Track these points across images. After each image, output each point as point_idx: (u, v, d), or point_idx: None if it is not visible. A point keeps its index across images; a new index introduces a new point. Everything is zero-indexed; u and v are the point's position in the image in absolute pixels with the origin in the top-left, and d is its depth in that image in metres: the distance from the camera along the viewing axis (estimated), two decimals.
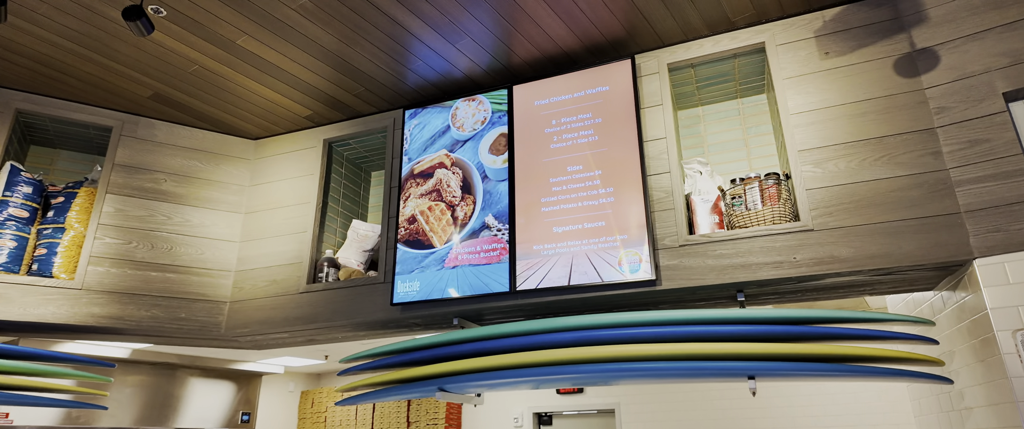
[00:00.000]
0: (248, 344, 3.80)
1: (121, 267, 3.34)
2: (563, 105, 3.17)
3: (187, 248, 3.55)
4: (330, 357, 6.91)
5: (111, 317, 3.24)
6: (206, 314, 3.49)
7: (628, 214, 2.84)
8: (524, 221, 3.03)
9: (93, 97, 3.48)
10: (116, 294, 3.28)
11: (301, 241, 3.58)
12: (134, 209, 3.47)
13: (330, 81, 3.40)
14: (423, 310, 3.14)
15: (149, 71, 3.26)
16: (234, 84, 3.40)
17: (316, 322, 3.33)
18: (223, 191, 3.76)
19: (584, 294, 2.83)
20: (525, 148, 3.16)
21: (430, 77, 3.39)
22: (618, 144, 2.98)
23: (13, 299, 3.06)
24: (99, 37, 2.99)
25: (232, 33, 2.99)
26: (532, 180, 3.09)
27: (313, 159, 3.77)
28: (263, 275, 3.57)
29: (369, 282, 3.32)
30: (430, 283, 3.10)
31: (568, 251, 2.89)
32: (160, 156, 3.63)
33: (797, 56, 2.89)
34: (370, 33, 3.02)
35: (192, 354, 6.23)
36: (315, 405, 7.27)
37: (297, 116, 3.74)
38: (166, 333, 3.42)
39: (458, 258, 3.10)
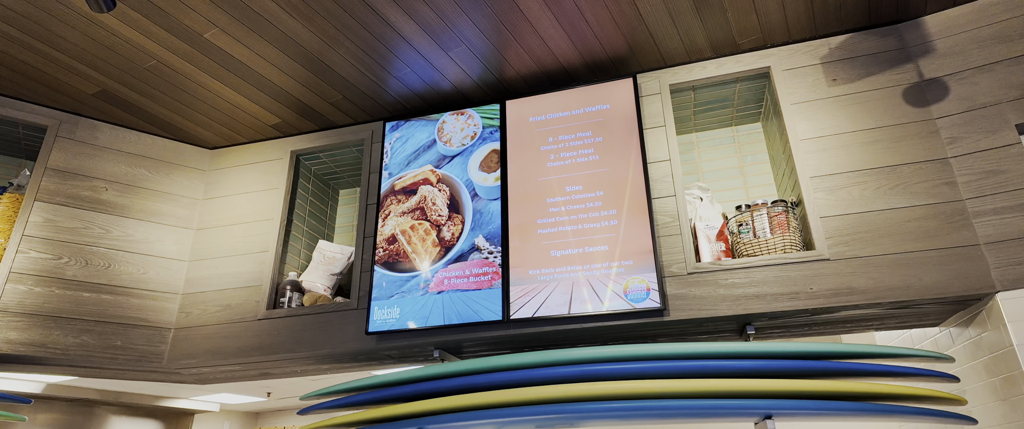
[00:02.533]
0: (192, 378, 3.35)
1: (48, 286, 2.87)
2: (561, 122, 2.98)
3: (127, 266, 3.11)
4: (273, 394, 6.36)
5: (31, 344, 2.76)
6: (146, 342, 3.04)
7: (633, 238, 2.65)
8: (518, 243, 2.79)
9: (28, 91, 3.05)
10: (39, 317, 2.81)
11: (261, 262, 3.21)
12: (67, 220, 3.03)
13: (304, 86, 3.11)
14: (402, 340, 2.82)
15: (97, 64, 2.88)
16: (195, 84, 3.05)
17: (277, 353, 2.95)
18: (172, 204, 3.36)
19: (586, 324, 2.59)
20: (519, 166, 2.95)
21: (416, 87, 3.15)
22: (621, 164, 2.81)
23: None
24: (42, 21, 2.62)
25: (201, 25, 2.68)
26: (527, 200, 2.86)
27: (278, 172, 3.43)
28: (215, 299, 3.16)
29: (340, 308, 2.98)
30: (412, 310, 2.80)
31: (568, 277, 2.65)
32: (101, 162, 3.21)
33: (804, 82, 2.81)
34: (356, 33, 2.76)
35: (115, 389, 5.58)
36: None
37: (263, 124, 3.41)
38: (96, 363, 2.95)
39: (444, 282, 2.81)
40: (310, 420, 6.34)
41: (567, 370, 2.26)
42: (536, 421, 2.45)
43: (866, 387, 2.27)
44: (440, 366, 2.47)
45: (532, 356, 2.36)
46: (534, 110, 3.05)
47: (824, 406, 2.24)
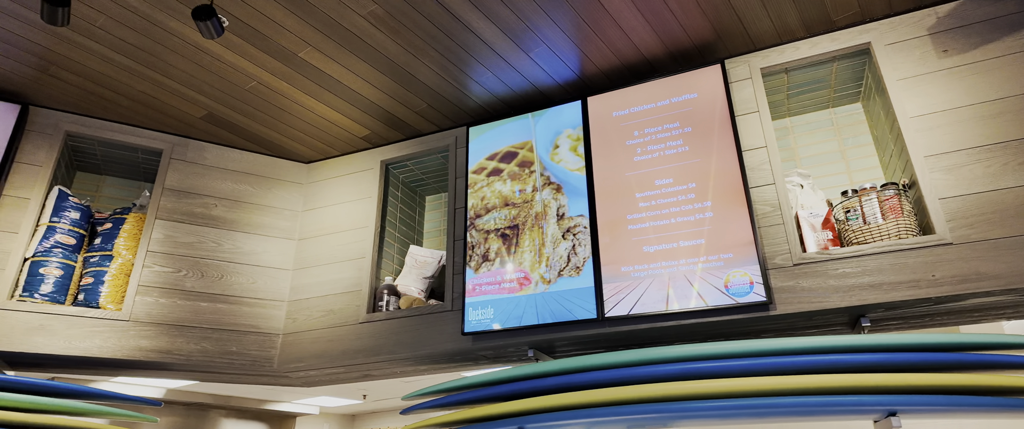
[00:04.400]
0: (300, 380, 3.53)
1: (170, 297, 3.11)
2: (646, 115, 2.93)
3: (238, 277, 3.32)
4: (368, 396, 6.59)
5: (159, 351, 2.99)
6: (258, 348, 3.23)
7: (731, 230, 2.56)
8: (608, 240, 2.76)
9: (143, 118, 3.32)
10: (165, 326, 3.05)
11: (359, 268, 3.34)
12: (184, 235, 3.27)
13: (392, 97, 3.21)
14: (497, 340, 2.86)
15: (204, 89, 3.10)
16: (291, 102, 3.22)
17: (379, 354, 3.06)
18: (275, 217, 3.56)
19: (685, 321, 2.53)
20: (605, 162, 2.91)
21: (498, 91, 3.18)
22: (713, 154, 2.72)
23: (57, 331, 2.84)
24: (155, 51, 2.84)
25: (295, 45, 2.83)
26: (615, 196, 2.83)
27: (370, 181, 3.56)
28: (318, 305, 3.32)
29: (435, 310, 3.05)
30: (506, 310, 2.83)
31: (663, 272, 2.60)
32: (210, 180, 3.45)
33: (911, 56, 2.63)
34: (439, 42, 2.83)
35: (226, 393, 5.96)
36: None
37: (354, 136, 3.55)
38: (216, 368, 3.17)
39: (536, 283, 2.82)
40: (411, 420, 6.52)
41: (676, 367, 2.21)
42: (642, 420, 2.41)
43: (1001, 380, 2.08)
44: (541, 364, 2.48)
45: (640, 353, 2.33)
46: (617, 104, 3.01)
47: (955, 401, 2.07)
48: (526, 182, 3.06)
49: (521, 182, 3.07)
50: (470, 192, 3.18)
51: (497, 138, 3.23)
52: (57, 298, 2.94)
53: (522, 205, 3.02)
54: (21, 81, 2.99)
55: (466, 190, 3.20)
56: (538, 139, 3.12)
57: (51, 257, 2.97)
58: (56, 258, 2.98)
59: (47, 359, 2.88)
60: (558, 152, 3.04)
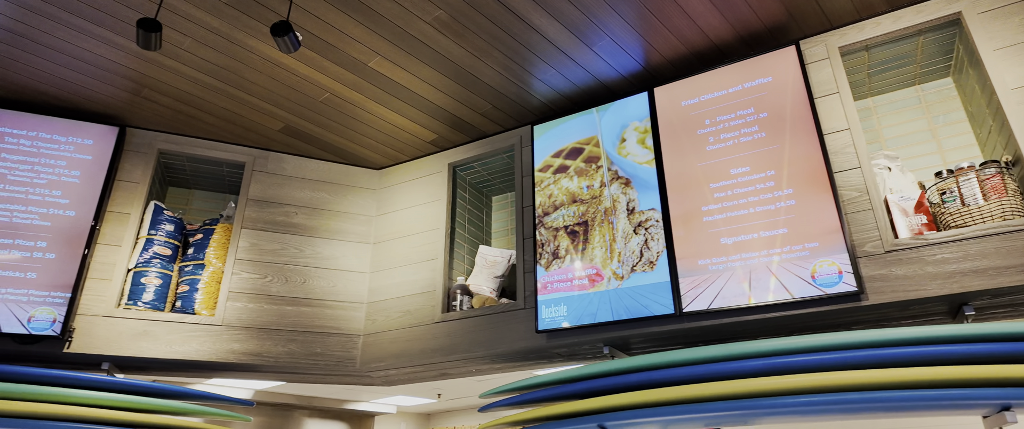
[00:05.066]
0: (380, 380, 3.64)
1: (258, 302, 3.28)
2: (718, 102, 2.84)
3: (319, 281, 3.46)
4: (442, 395, 6.71)
5: (250, 353, 3.16)
6: (341, 348, 3.35)
7: (815, 218, 2.44)
8: (683, 233, 2.69)
9: (227, 133, 3.51)
10: (254, 329, 3.22)
11: (432, 269, 3.40)
12: (267, 243, 3.43)
13: (457, 100, 3.26)
14: (571, 338, 2.85)
15: (281, 102, 3.24)
16: (362, 111, 3.33)
17: (455, 353, 3.11)
18: (351, 222, 3.68)
19: (769, 314, 2.43)
20: (676, 153, 2.85)
21: (561, 87, 3.17)
22: (792, 139, 2.61)
23: (159, 337, 3.04)
24: (235, 69, 3.00)
25: (365, 55, 2.91)
26: (688, 187, 2.76)
27: (439, 184, 3.62)
28: (395, 306, 3.41)
29: (508, 309, 3.07)
30: (579, 307, 2.81)
31: (743, 264, 2.51)
32: (290, 189, 3.61)
33: (1008, 23, 2.43)
34: (502, 42, 2.85)
35: (308, 393, 6.21)
36: None
37: (421, 141, 3.63)
38: (302, 369, 3.31)
39: (609, 279, 2.79)
40: (488, 417, 6.60)
41: (764, 362, 2.14)
42: (726, 418, 2.34)
43: None
44: (621, 361, 2.45)
45: (725, 348, 2.26)
46: (686, 94, 2.94)
47: None
48: (593, 178, 3.03)
49: (588, 178, 3.05)
50: (537, 190, 3.19)
51: (562, 135, 3.22)
52: (157, 305, 3.15)
53: (590, 201, 3.00)
54: (118, 105, 3.23)
55: (533, 188, 3.21)
56: (604, 134, 3.09)
57: (150, 267, 3.19)
58: (155, 268, 3.20)
59: (151, 363, 3.09)
60: (625, 146, 3.00)
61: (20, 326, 2.78)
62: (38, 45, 2.79)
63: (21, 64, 2.91)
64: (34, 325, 2.80)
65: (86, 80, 3.03)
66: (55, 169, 3.10)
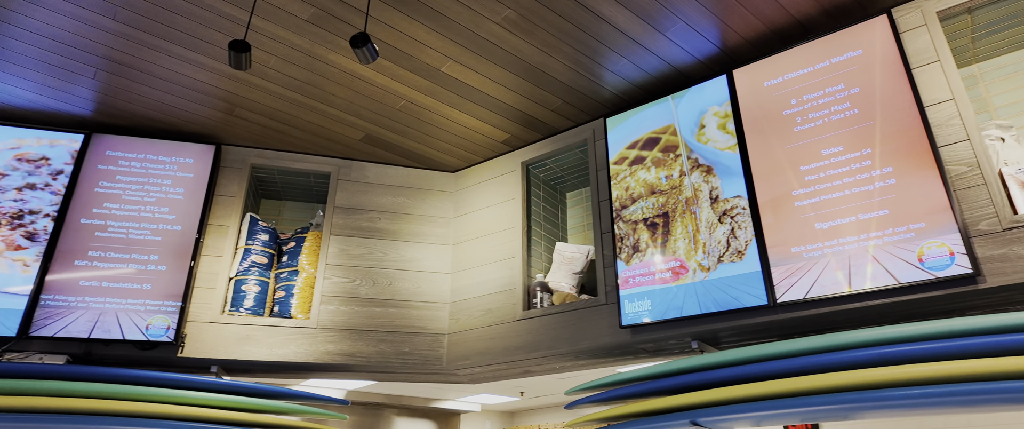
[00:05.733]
0: (466, 378, 3.70)
1: (349, 304, 3.42)
2: (804, 81, 2.70)
3: (404, 282, 3.56)
4: (525, 393, 6.75)
5: (343, 354, 3.30)
6: (427, 347, 3.44)
7: (919, 197, 2.27)
8: (772, 220, 2.57)
9: (312, 146, 3.68)
10: (346, 331, 3.36)
11: (510, 268, 3.43)
12: (354, 248, 3.57)
13: (528, 98, 3.26)
14: (657, 332, 2.78)
15: (361, 112, 3.37)
16: (437, 115, 3.40)
17: (538, 350, 3.12)
18: (430, 225, 3.77)
19: (872, 301, 2.28)
20: (760, 137, 2.73)
21: (634, 77, 3.11)
22: (888, 114, 2.44)
23: (260, 340, 3.23)
24: (318, 83, 3.14)
25: (437, 60, 2.98)
26: (776, 172, 2.63)
27: (513, 183, 3.65)
28: (477, 305, 3.46)
29: (589, 305, 3.05)
30: (664, 301, 2.74)
31: (841, 250, 2.37)
32: (372, 196, 3.74)
33: None
34: (572, 36, 2.83)
35: (396, 392, 6.42)
36: None
37: (494, 141, 3.66)
38: (392, 368, 3.42)
39: (694, 271, 2.71)
40: (574, 414, 6.59)
41: (870, 352, 2.01)
42: (827, 412, 2.22)
43: None
44: (714, 355, 2.38)
45: (826, 339, 2.15)
46: (768, 74, 2.81)
47: None
48: (672, 167, 2.95)
49: (667, 168, 2.97)
50: (613, 184, 3.14)
51: (637, 126, 3.16)
52: (257, 311, 3.35)
53: (670, 191, 2.92)
54: (213, 124, 3.46)
55: (609, 182, 3.16)
56: (681, 121, 3.00)
57: (249, 275, 3.40)
58: (253, 276, 3.40)
59: (254, 365, 3.29)
60: (705, 132, 2.91)
61: (139, 333, 3.03)
62: (143, 74, 3.04)
63: (130, 93, 3.18)
64: (151, 332, 3.05)
65: (184, 103, 3.26)
66: (162, 187, 3.36)
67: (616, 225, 3.05)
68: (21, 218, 3.12)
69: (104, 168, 3.33)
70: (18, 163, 3.23)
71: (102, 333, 2.98)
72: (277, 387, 3.01)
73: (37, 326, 2.94)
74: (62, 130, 3.35)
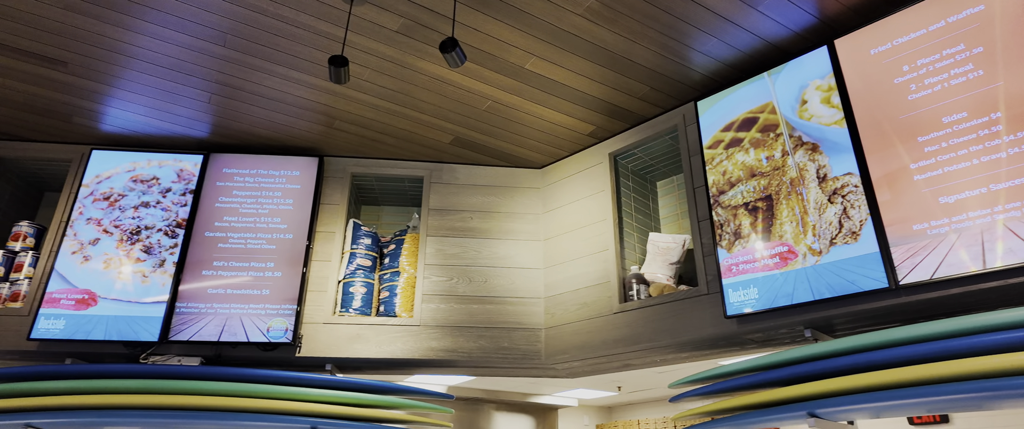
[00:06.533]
0: (565, 372, 3.72)
1: (448, 302, 3.53)
2: (916, 44, 2.49)
3: (499, 279, 3.63)
4: (623, 388, 6.68)
5: (446, 350, 3.41)
6: (525, 342, 3.49)
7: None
8: (889, 197, 2.39)
9: (405, 151, 3.83)
10: (447, 328, 3.46)
11: (604, 260, 3.40)
12: (450, 248, 3.68)
13: (613, 87, 3.22)
14: (766, 321, 2.67)
15: (449, 116, 3.46)
16: (522, 113, 3.43)
17: (638, 343, 3.07)
18: (520, 221, 3.82)
19: (1011, 280, 2.07)
20: (870, 108, 2.54)
21: (725, 56, 2.99)
22: (1017, 74, 2.20)
23: (369, 339, 3.40)
24: (408, 91, 3.25)
25: (521, 58, 3.00)
26: (890, 144, 2.45)
27: (601, 175, 3.62)
28: (572, 299, 3.47)
29: (690, 295, 2.97)
30: (772, 289, 2.62)
31: (970, 225, 2.17)
32: (463, 197, 3.83)
33: None
34: (657, 20, 2.76)
35: (494, 387, 6.54)
36: None
37: (580, 135, 3.65)
38: (492, 364, 3.50)
39: (803, 255, 2.57)
40: (677, 408, 6.46)
41: (1012, 335, 1.83)
42: (960, 401, 2.04)
43: None
44: (834, 342, 2.25)
45: (962, 322, 1.98)
46: (875, 40, 2.61)
47: None
48: (773, 147, 2.81)
49: (767, 148, 2.84)
50: (708, 169, 3.04)
51: (731, 106, 3.03)
52: (365, 311, 3.53)
53: (772, 173, 2.79)
54: (315, 137, 3.67)
55: (703, 167, 3.06)
56: (780, 98, 2.86)
57: (356, 278, 3.58)
58: (359, 278, 3.58)
59: (364, 362, 3.47)
60: (807, 108, 2.75)
61: (261, 335, 3.27)
62: (252, 95, 3.28)
63: (241, 114, 3.43)
64: (271, 334, 3.28)
65: (289, 119, 3.49)
66: (273, 199, 3.61)
67: (714, 212, 2.95)
68: (139, 234, 3.45)
69: (222, 185, 3.63)
70: (134, 184, 3.58)
71: (229, 336, 3.25)
72: (388, 383, 3.15)
73: (175, 331, 3.24)
74: (183, 152, 3.68)
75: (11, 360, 3.38)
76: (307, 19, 2.74)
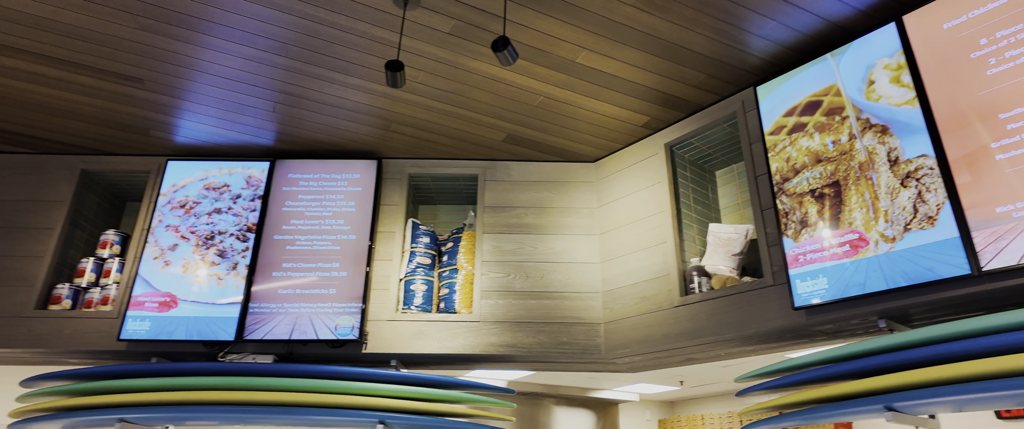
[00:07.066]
0: (626, 366, 3.69)
1: (506, 298, 3.56)
2: (994, 16, 2.34)
3: (556, 274, 3.64)
4: (685, 383, 6.56)
5: (506, 345, 3.44)
6: (584, 337, 3.48)
7: None
8: (969, 179, 2.26)
9: (459, 151, 3.88)
10: (506, 323, 3.50)
11: (662, 253, 3.36)
12: (506, 244, 3.71)
13: (667, 77, 3.17)
14: (836, 312, 2.57)
15: (502, 114, 3.49)
16: (574, 107, 3.42)
17: (701, 337, 3.02)
18: (575, 216, 3.81)
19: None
20: (944, 86, 2.41)
21: (785, 38, 2.89)
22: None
23: (431, 335, 3.47)
24: (461, 91, 3.30)
25: (572, 52, 2.99)
26: (968, 123, 2.31)
27: (657, 167, 3.56)
28: (631, 292, 3.44)
29: (754, 287, 2.89)
30: (842, 278, 2.53)
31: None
32: (517, 193, 3.86)
33: None
34: (713, 6, 2.69)
35: (553, 382, 6.56)
36: None
37: (634, 126, 3.60)
38: (552, 358, 3.51)
39: (876, 242, 2.46)
40: (744, 402, 6.32)
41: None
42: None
43: None
44: (919, 332, 2.15)
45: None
46: (948, 13, 2.47)
47: None
48: (839, 131, 2.70)
49: (833, 132, 2.73)
50: (771, 156, 2.95)
51: (793, 90, 2.93)
52: (426, 308, 3.61)
53: (839, 158, 2.68)
54: (373, 140, 3.77)
55: (765, 154, 2.97)
56: (845, 79, 2.74)
57: (416, 276, 3.66)
58: (420, 276, 3.66)
59: (427, 358, 3.55)
60: (875, 88, 2.62)
61: (329, 333, 3.40)
62: (313, 102, 3.40)
63: (303, 120, 3.57)
64: (339, 331, 3.40)
65: (348, 124, 3.60)
66: (336, 202, 3.74)
67: (778, 200, 2.86)
68: (213, 238, 3.64)
69: (288, 189, 3.78)
70: (206, 191, 3.78)
71: (300, 334, 3.39)
72: (452, 378, 3.22)
73: (249, 330, 3.41)
74: (251, 160, 3.85)
75: (104, 359, 3.64)
76: (363, 26, 2.82)
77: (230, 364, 3.16)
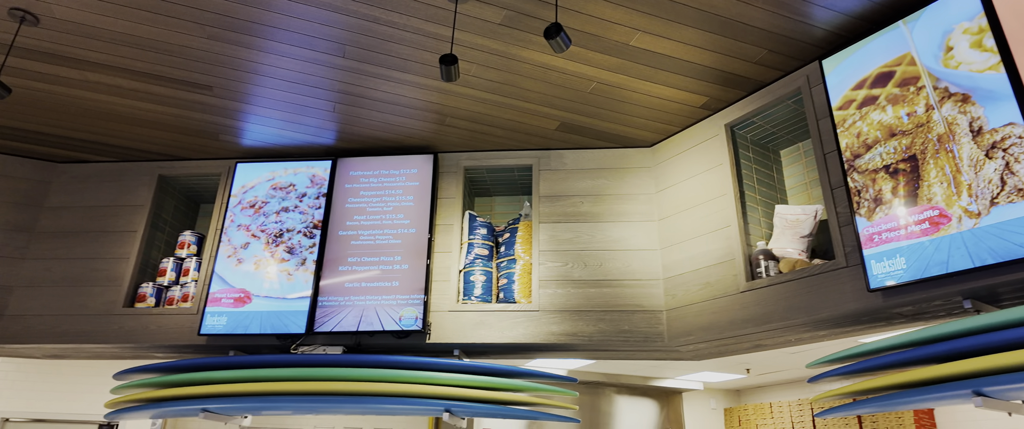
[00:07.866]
0: (690, 354, 3.63)
1: (565, 287, 3.56)
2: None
3: (614, 262, 3.60)
4: (751, 371, 6.39)
5: (566, 334, 3.44)
6: (646, 325, 3.44)
7: None
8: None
9: (513, 142, 3.89)
10: (566, 312, 3.50)
11: (726, 237, 3.27)
12: (563, 233, 3.70)
13: (725, 54, 3.07)
14: (915, 293, 2.44)
15: (555, 102, 3.47)
16: (629, 91, 3.37)
17: (770, 322, 2.93)
18: (632, 203, 3.76)
19: None
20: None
21: (851, 7, 2.75)
22: None
23: (492, 325, 3.51)
24: (513, 81, 3.30)
25: (625, 35, 2.94)
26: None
27: (717, 148, 3.46)
28: (693, 279, 3.36)
29: (826, 269, 2.78)
30: (922, 257, 2.39)
31: None
32: (573, 181, 3.83)
33: None
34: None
35: (614, 371, 6.51)
36: (743, 423, 6.80)
37: (692, 108, 3.51)
38: (613, 347, 3.49)
39: (958, 218, 2.32)
40: (815, 389, 6.12)
41: None
42: None
43: None
44: (1008, 312, 2.02)
45: None
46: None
47: None
48: (914, 102, 2.55)
49: (907, 104, 2.58)
50: (840, 132, 2.81)
51: (862, 61, 2.79)
52: (486, 298, 3.65)
53: (915, 130, 2.53)
54: (430, 135, 3.83)
55: (834, 131, 2.84)
56: (920, 47, 2.58)
57: (475, 267, 3.71)
58: (478, 267, 3.71)
59: (489, 347, 3.59)
60: (953, 55, 2.46)
61: (394, 324, 3.49)
62: (370, 101, 3.48)
63: (362, 119, 3.66)
64: (403, 322, 3.49)
65: (405, 120, 3.67)
66: (395, 197, 3.82)
67: (850, 177, 2.73)
68: (281, 236, 3.78)
69: (350, 187, 3.89)
70: (274, 191, 3.92)
71: (367, 326, 3.49)
72: (515, 367, 3.24)
73: (319, 323, 3.54)
74: (314, 159, 3.98)
75: (186, 353, 3.86)
76: (417, 23, 2.86)
77: (304, 356, 3.29)
